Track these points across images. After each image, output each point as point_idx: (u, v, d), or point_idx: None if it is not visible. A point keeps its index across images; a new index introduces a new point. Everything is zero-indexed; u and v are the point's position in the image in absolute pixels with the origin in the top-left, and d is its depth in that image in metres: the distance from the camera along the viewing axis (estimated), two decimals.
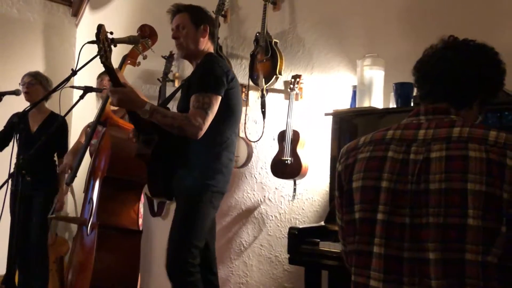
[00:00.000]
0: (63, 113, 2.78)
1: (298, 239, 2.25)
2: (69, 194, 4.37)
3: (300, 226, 2.34)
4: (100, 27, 2.07)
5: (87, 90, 2.98)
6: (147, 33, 2.97)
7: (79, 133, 3.90)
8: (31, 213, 3.61)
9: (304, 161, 2.90)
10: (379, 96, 2.50)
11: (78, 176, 3.09)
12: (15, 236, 2.29)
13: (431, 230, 1.08)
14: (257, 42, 3.17)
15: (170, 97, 2.57)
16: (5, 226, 2.47)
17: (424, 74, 1.29)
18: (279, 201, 3.14)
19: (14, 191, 2.40)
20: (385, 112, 2.43)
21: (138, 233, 2.79)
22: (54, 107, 3.73)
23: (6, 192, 2.34)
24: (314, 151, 2.95)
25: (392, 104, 2.45)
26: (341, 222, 1.31)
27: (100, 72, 3.39)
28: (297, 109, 2.98)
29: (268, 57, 3.10)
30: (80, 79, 3.72)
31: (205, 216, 2.19)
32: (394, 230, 1.13)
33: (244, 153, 3.23)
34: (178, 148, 2.20)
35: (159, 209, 3.66)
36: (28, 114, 3.58)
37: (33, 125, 3.65)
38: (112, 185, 2.79)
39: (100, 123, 2.94)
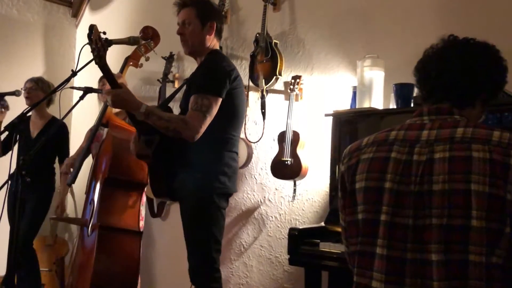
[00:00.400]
0: (62, 113, 2.78)
1: (298, 239, 2.24)
2: (69, 195, 4.37)
3: (300, 227, 2.34)
4: (91, 27, 2.02)
5: (87, 91, 2.98)
6: (150, 34, 2.97)
7: (79, 135, 3.90)
8: (23, 213, 3.59)
9: (304, 162, 2.90)
10: (379, 97, 2.50)
11: (79, 177, 3.10)
12: (15, 236, 2.29)
13: (434, 232, 1.08)
14: (257, 42, 3.17)
15: (171, 97, 2.53)
16: (5, 227, 2.47)
17: (425, 74, 1.28)
18: (279, 202, 3.14)
19: (14, 192, 2.40)
20: (385, 113, 2.43)
21: (139, 234, 2.79)
22: (54, 108, 3.73)
23: (6, 193, 2.34)
24: (314, 152, 2.95)
25: (392, 105, 2.45)
26: (344, 223, 1.30)
27: (101, 74, 3.38)
28: (297, 110, 2.98)
29: (268, 58, 3.10)
30: (80, 80, 3.72)
31: (216, 219, 2.14)
32: (397, 231, 1.12)
33: (244, 153, 3.23)
34: (179, 148, 2.15)
35: (159, 210, 3.65)
36: (29, 117, 3.61)
37: (33, 131, 3.63)
38: (113, 185, 2.79)
39: (101, 124, 2.94)
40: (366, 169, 1.21)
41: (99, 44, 2.02)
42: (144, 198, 3.18)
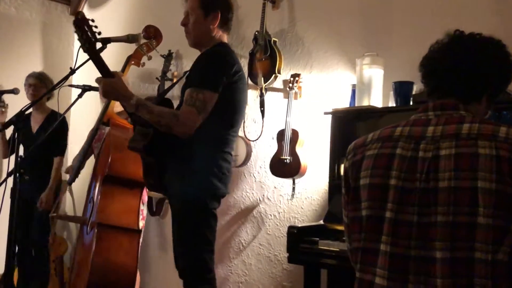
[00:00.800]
0: (61, 111, 2.78)
1: (297, 238, 2.25)
2: (68, 194, 4.36)
3: (299, 225, 2.34)
4: (77, 14, 1.93)
5: (85, 89, 2.98)
6: (152, 33, 2.96)
7: (78, 133, 3.90)
8: (32, 214, 3.60)
9: (303, 160, 2.90)
10: (379, 95, 2.50)
11: (80, 176, 3.10)
12: (14, 236, 2.29)
13: (439, 229, 1.07)
14: (256, 41, 3.17)
15: (169, 89, 2.48)
16: (5, 226, 2.46)
17: (430, 69, 1.26)
18: (278, 200, 3.14)
19: (13, 189, 2.39)
20: (385, 111, 2.43)
21: (137, 232, 2.79)
22: (53, 106, 3.73)
23: (4, 192, 2.33)
24: (313, 150, 2.95)
25: (392, 103, 2.45)
26: (346, 219, 1.29)
27: None
28: (296, 108, 2.98)
29: (267, 56, 3.10)
30: (79, 78, 3.72)
31: (206, 220, 2.05)
32: (401, 228, 1.12)
33: (243, 152, 3.23)
34: (172, 144, 2.02)
35: (158, 209, 3.66)
36: (29, 113, 3.61)
37: (34, 126, 3.64)
38: (112, 183, 2.79)
39: (102, 123, 2.93)
40: (371, 166, 1.20)
41: (87, 31, 1.91)
42: (145, 197, 3.17)
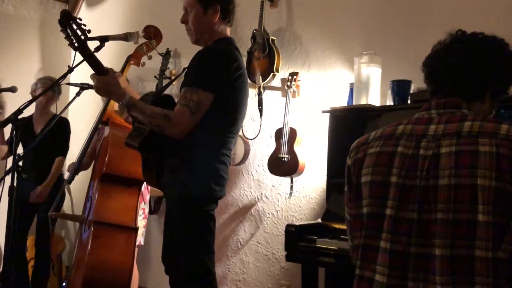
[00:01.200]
0: (59, 110, 2.78)
1: (295, 236, 2.25)
2: (66, 193, 4.36)
3: (297, 223, 2.34)
4: (61, 13, 1.89)
5: (83, 87, 2.98)
6: (152, 33, 2.96)
7: (76, 131, 3.89)
8: (32, 216, 3.61)
9: (301, 159, 2.90)
10: (376, 94, 2.50)
11: (81, 175, 3.10)
12: (12, 233, 2.29)
13: (439, 226, 1.07)
14: (254, 39, 3.17)
15: (167, 85, 2.43)
16: (3, 225, 2.46)
17: (433, 69, 1.27)
18: (276, 199, 3.15)
19: (11, 187, 2.39)
20: (382, 109, 2.43)
21: (134, 230, 2.79)
22: (52, 105, 3.74)
23: (1, 191, 2.33)
24: (311, 148, 2.95)
25: (389, 102, 2.46)
26: (349, 216, 1.29)
27: None
28: (294, 107, 2.98)
29: (265, 55, 3.10)
30: (77, 76, 3.71)
31: (204, 223, 1.99)
32: (401, 226, 1.12)
33: (241, 150, 3.23)
34: (170, 142, 1.94)
35: (156, 207, 3.66)
36: (31, 117, 3.64)
37: (37, 128, 3.67)
38: (110, 182, 2.79)
39: (102, 122, 2.93)
40: (372, 163, 1.20)
41: (75, 29, 1.88)
42: (147, 196, 3.17)
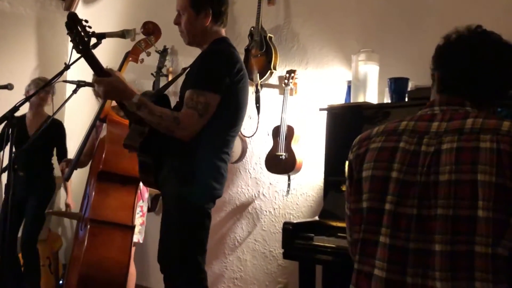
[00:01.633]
0: (56, 107, 2.76)
1: (292, 234, 2.25)
2: (63, 191, 4.35)
3: (294, 221, 2.34)
4: (69, 15, 1.89)
5: (80, 84, 2.97)
6: (151, 30, 2.94)
7: (72, 129, 3.89)
8: (23, 213, 3.60)
9: (299, 156, 2.90)
10: (374, 91, 2.50)
11: (78, 173, 3.09)
12: (6, 233, 2.28)
13: (439, 222, 1.07)
14: (251, 36, 3.16)
15: (168, 85, 2.44)
16: None
17: (445, 67, 1.24)
18: (273, 196, 3.14)
19: (7, 186, 2.38)
20: (380, 107, 2.43)
21: (130, 228, 2.78)
22: (48, 104, 3.72)
23: None
24: (309, 146, 2.95)
25: (387, 100, 2.45)
26: (348, 211, 1.29)
27: None
28: (291, 104, 2.98)
29: (262, 52, 3.10)
30: (74, 73, 3.70)
31: (201, 221, 2.01)
32: (401, 221, 1.12)
33: (239, 148, 3.23)
34: (168, 143, 1.98)
35: (153, 205, 3.65)
36: (24, 116, 3.62)
37: (30, 129, 3.65)
38: (107, 179, 2.78)
39: (99, 120, 2.92)
40: (373, 158, 1.21)
41: (80, 31, 1.88)
42: (146, 194, 3.17)
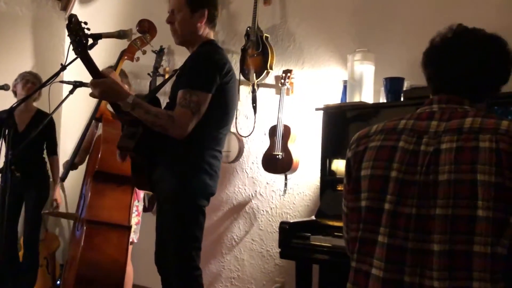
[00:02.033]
0: (52, 108, 2.76)
1: (289, 233, 2.25)
2: (61, 192, 4.35)
3: (291, 221, 2.35)
4: (71, 17, 1.94)
5: (77, 85, 2.96)
6: (146, 28, 2.94)
7: (69, 129, 3.88)
8: (19, 210, 3.60)
9: (295, 156, 2.91)
10: (370, 91, 2.51)
11: (75, 173, 3.08)
12: (4, 232, 2.28)
13: (438, 222, 1.07)
14: (247, 36, 3.16)
15: (160, 87, 2.47)
16: None
17: (436, 68, 1.25)
18: (270, 196, 3.15)
19: (4, 187, 2.38)
20: (376, 107, 2.44)
21: (127, 228, 2.78)
22: (44, 102, 3.70)
23: None
24: (305, 145, 2.96)
25: (383, 99, 2.46)
26: (346, 209, 1.29)
27: None
28: (288, 104, 2.98)
29: (259, 52, 3.10)
30: (70, 74, 3.69)
31: (196, 217, 2.06)
32: (400, 220, 1.12)
33: (235, 148, 3.23)
34: (162, 142, 2.03)
35: (150, 205, 3.65)
36: (14, 112, 3.60)
37: (20, 124, 3.63)
38: (102, 179, 2.78)
39: (95, 119, 2.92)
40: (373, 157, 1.20)
41: (80, 34, 1.93)
42: (141, 194, 3.17)
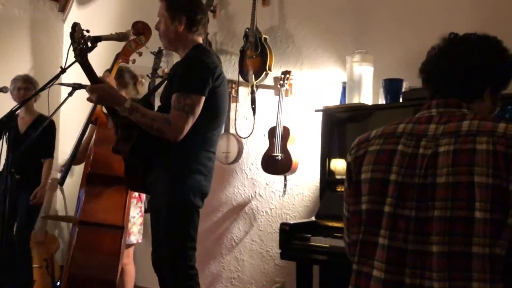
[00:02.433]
0: (51, 110, 2.76)
1: (290, 234, 2.27)
2: (59, 193, 4.35)
3: (292, 222, 2.36)
4: (75, 25, 2.00)
5: (75, 87, 2.96)
6: (141, 29, 2.93)
7: (68, 132, 3.88)
8: (15, 212, 3.60)
9: (295, 157, 2.92)
10: (369, 92, 2.52)
11: (75, 176, 3.08)
12: (2, 235, 2.28)
13: (437, 224, 1.09)
14: (246, 38, 3.17)
15: (153, 91, 2.51)
16: None
17: (429, 73, 1.29)
18: (269, 197, 3.16)
19: (3, 190, 2.38)
20: (375, 108, 2.45)
21: (120, 229, 2.78)
22: (43, 105, 3.70)
23: None
24: (304, 147, 2.97)
25: (382, 100, 2.47)
26: (347, 212, 1.31)
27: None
28: (287, 105, 2.99)
29: (257, 53, 3.11)
30: (68, 76, 3.69)
31: (191, 217, 2.11)
32: (399, 223, 1.14)
33: (235, 149, 3.24)
34: (156, 145, 2.09)
35: (149, 207, 3.66)
36: (16, 115, 3.60)
37: (21, 127, 3.64)
38: (96, 181, 2.78)
39: (91, 122, 2.92)
40: (372, 161, 1.23)
41: (81, 42, 1.99)
42: (143, 195, 3.17)
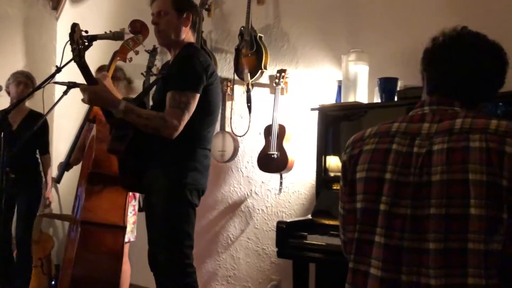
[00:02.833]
0: (46, 109, 2.75)
1: (286, 233, 2.28)
2: (54, 191, 4.33)
3: (288, 220, 2.37)
4: (74, 26, 2.00)
5: (70, 86, 2.95)
6: (138, 28, 2.93)
7: (63, 130, 3.87)
8: (13, 211, 3.59)
9: (290, 155, 2.93)
10: (364, 91, 2.54)
11: (71, 174, 3.07)
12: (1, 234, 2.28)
13: (433, 221, 1.10)
14: (241, 36, 3.17)
15: (147, 90, 2.51)
16: None
17: (433, 69, 1.27)
18: (265, 195, 3.17)
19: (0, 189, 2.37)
20: (370, 107, 2.47)
21: (121, 228, 2.78)
22: (37, 103, 3.69)
23: None
24: (300, 145, 2.98)
25: (377, 99, 2.49)
26: (342, 211, 1.33)
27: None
28: (282, 104, 3.00)
29: (253, 52, 3.11)
30: (63, 74, 3.67)
31: (188, 215, 2.13)
32: (395, 221, 1.15)
33: (231, 147, 3.25)
34: (152, 144, 2.12)
35: (144, 204, 3.66)
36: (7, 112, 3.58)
37: (13, 124, 3.62)
38: (96, 180, 2.77)
39: (88, 120, 2.91)
40: (367, 160, 1.24)
41: (80, 42, 1.99)
42: (137, 193, 3.17)
